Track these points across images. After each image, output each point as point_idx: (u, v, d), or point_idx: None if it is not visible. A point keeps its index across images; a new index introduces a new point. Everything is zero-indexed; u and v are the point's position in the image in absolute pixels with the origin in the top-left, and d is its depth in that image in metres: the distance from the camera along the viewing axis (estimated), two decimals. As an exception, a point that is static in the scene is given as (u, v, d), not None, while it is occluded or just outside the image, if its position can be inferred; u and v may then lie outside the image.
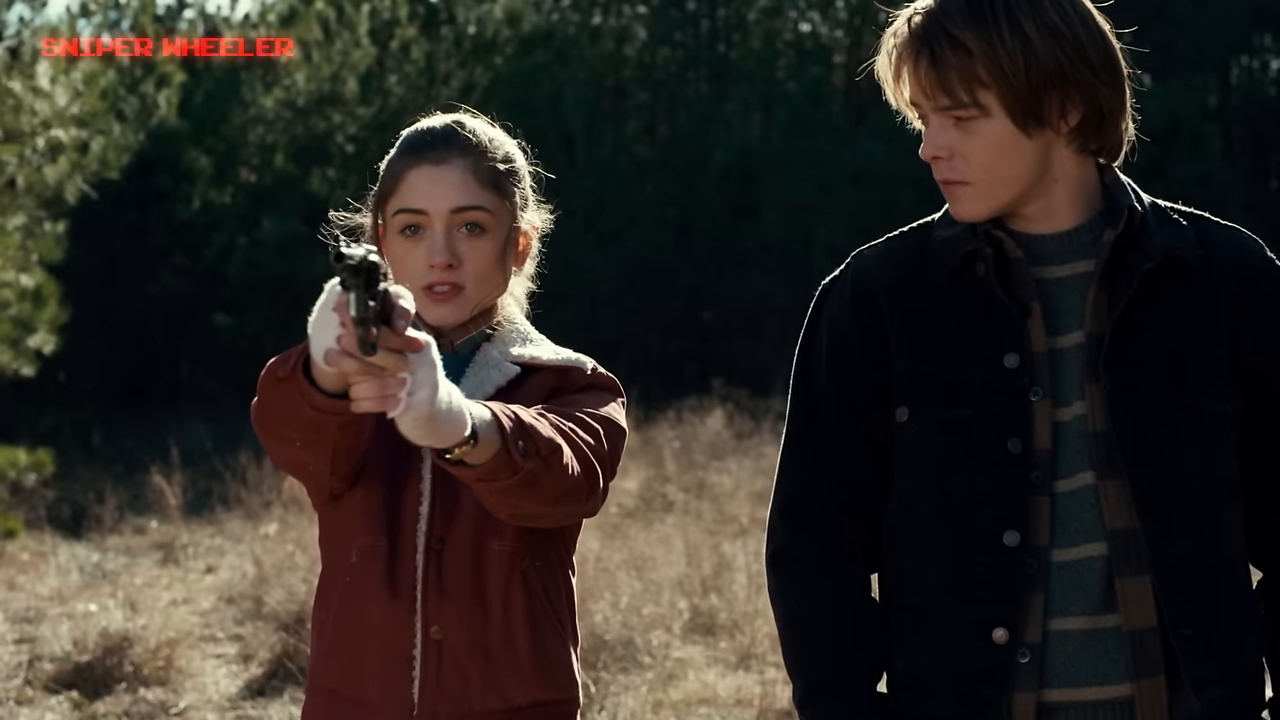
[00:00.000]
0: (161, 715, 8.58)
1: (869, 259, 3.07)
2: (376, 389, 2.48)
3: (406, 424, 2.53)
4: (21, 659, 9.73)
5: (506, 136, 3.26)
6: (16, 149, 14.10)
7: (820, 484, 2.99)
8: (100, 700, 8.80)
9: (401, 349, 2.46)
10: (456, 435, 2.63)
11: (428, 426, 2.54)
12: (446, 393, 2.56)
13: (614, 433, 3.08)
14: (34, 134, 14.18)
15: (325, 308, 2.48)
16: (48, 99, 14.30)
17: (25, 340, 15.74)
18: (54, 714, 8.62)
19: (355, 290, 2.38)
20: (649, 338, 28.42)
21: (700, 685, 8.61)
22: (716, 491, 14.65)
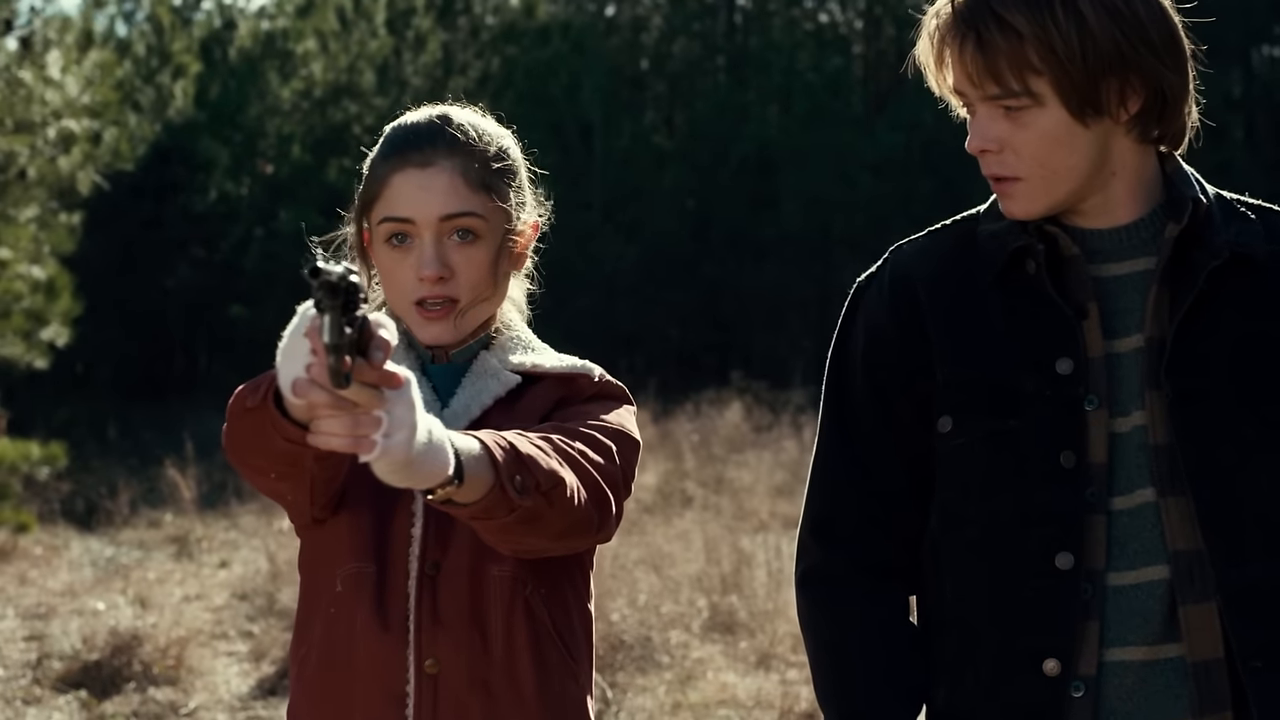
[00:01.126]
0: (171, 716, 8.44)
1: (908, 254, 2.81)
2: (347, 427, 2.19)
3: (381, 468, 2.25)
4: (30, 657, 9.60)
5: (499, 129, 2.96)
6: (28, 140, 13.97)
7: (854, 498, 2.75)
8: (109, 700, 8.66)
9: (378, 384, 2.19)
10: (437, 476, 2.34)
11: (404, 470, 2.27)
12: (426, 430, 2.29)
13: (627, 447, 2.80)
14: (45, 124, 14.04)
15: (296, 332, 2.20)
16: (59, 89, 14.16)
17: (38, 333, 15.62)
18: (61, 714, 8.48)
19: (331, 312, 2.11)
20: (667, 329, 28.30)
21: (719, 686, 8.44)
22: (735, 486, 14.49)
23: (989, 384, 2.67)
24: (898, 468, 2.74)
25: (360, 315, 2.14)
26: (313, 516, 2.79)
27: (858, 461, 2.76)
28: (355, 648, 2.79)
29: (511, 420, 2.77)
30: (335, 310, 2.10)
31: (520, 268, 2.97)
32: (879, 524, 2.74)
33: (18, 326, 15.35)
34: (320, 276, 2.09)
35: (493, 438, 2.50)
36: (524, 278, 3.03)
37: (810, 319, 28.33)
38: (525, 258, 2.97)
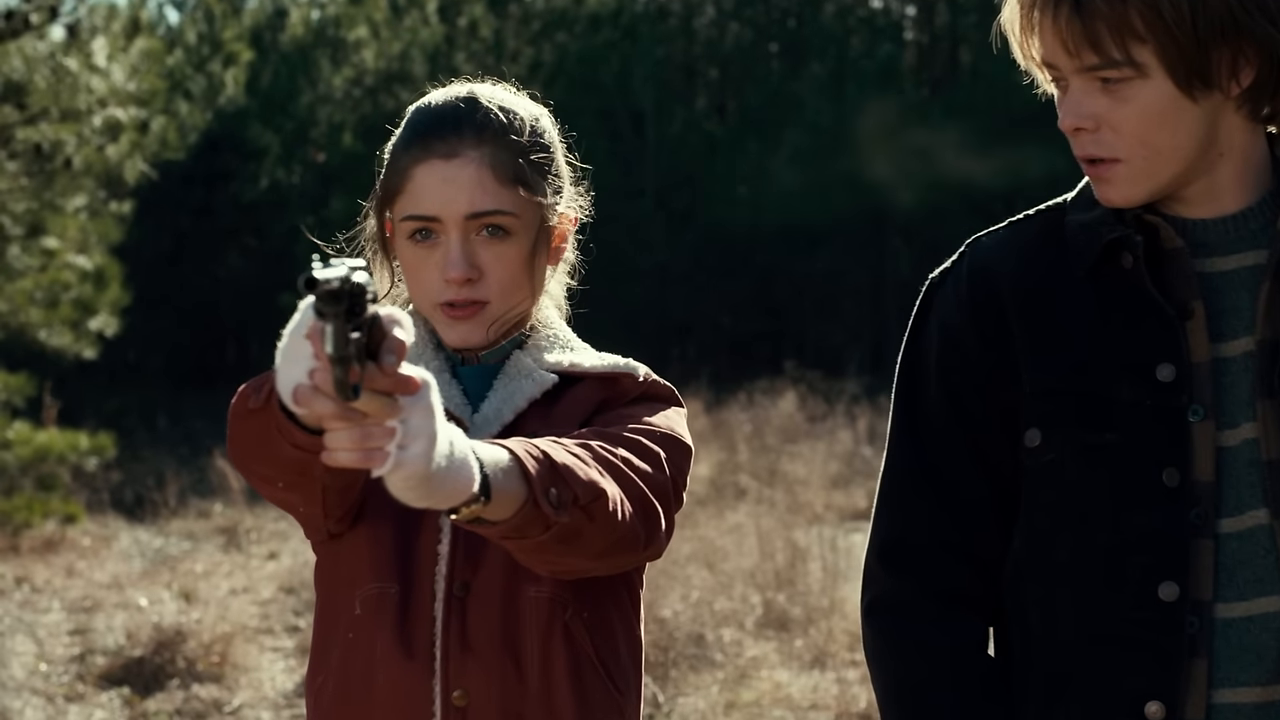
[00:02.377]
0: (214, 714, 8.30)
1: (988, 247, 2.50)
2: (357, 439, 1.94)
3: (396, 483, 1.98)
4: (74, 652, 9.49)
5: (534, 107, 2.67)
6: (74, 128, 13.86)
7: (927, 520, 2.44)
8: (151, 697, 8.52)
9: (391, 391, 1.94)
10: (461, 493, 2.08)
11: (423, 487, 2.00)
12: (447, 441, 2.02)
13: (677, 453, 2.52)
14: (90, 113, 13.93)
15: (297, 332, 1.95)
16: (104, 77, 14.04)
17: (86, 323, 15.53)
18: (103, 711, 8.35)
19: (333, 321, 1.87)
20: (719, 317, 28.13)
21: (773, 686, 8.25)
22: (790, 478, 14.29)
23: (1081, 393, 2.38)
24: (976, 485, 2.44)
25: (370, 315, 1.91)
26: (328, 531, 2.53)
27: (931, 479, 2.45)
28: (375, 677, 2.53)
29: (548, 425, 2.53)
30: (338, 319, 1.87)
31: (558, 262, 2.70)
32: (955, 548, 2.44)
33: (66, 317, 15.25)
34: (318, 287, 1.86)
35: (524, 447, 2.24)
36: (563, 272, 2.77)
37: (864, 307, 28.12)
38: (563, 251, 2.70)
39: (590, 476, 2.29)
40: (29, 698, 8.36)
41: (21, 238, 14.53)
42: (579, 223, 2.71)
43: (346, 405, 1.91)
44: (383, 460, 1.94)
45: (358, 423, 1.93)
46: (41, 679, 8.85)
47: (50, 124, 13.69)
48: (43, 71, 13.65)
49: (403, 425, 1.94)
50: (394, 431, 1.94)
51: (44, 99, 13.58)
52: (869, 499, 14.01)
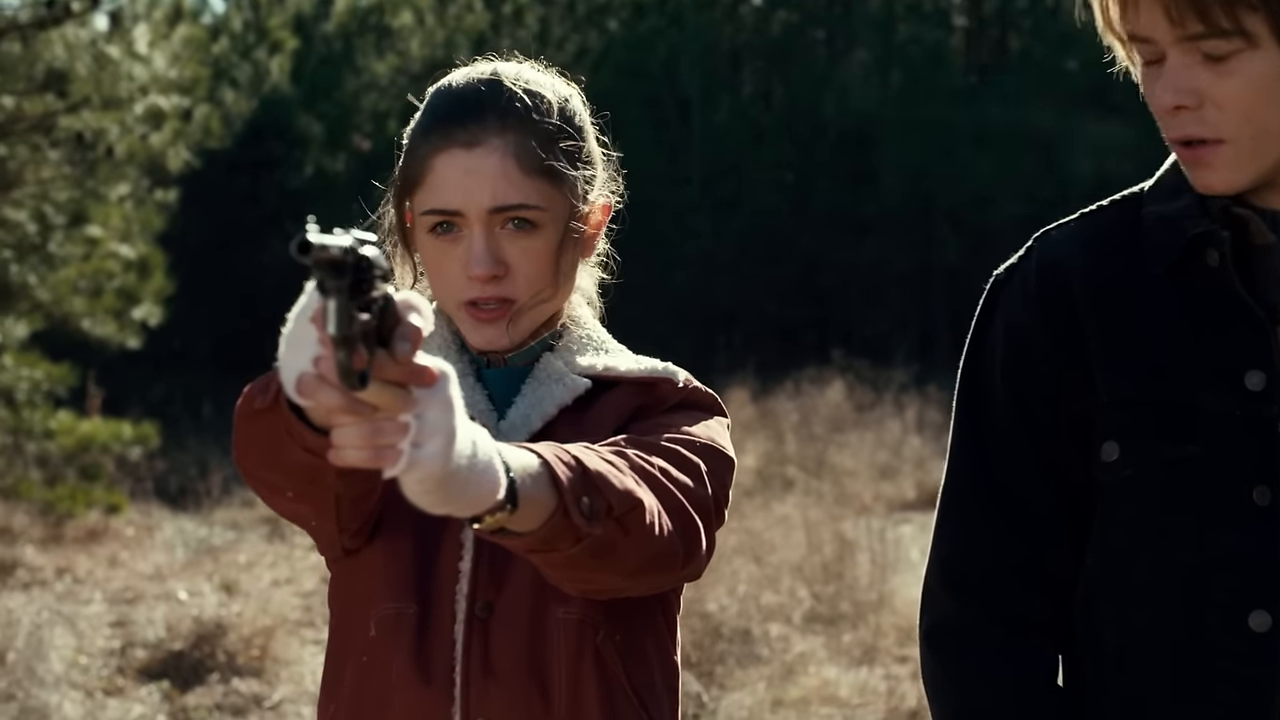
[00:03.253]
0: (254, 709, 8.20)
1: (1058, 241, 2.28)
2: (366, 436, 1.73)
3: (411, 485, 1.78)
4: (115, 645, 9.41)
5: (563, 87, 2.48)
6: (116, 116, 13.77)
7: (992, 538, 2.23)
8: (191, 692, 8.43)
9: (405, 382, 1.74)
10: (485, 499, 1.87)
11: (441, 490, 1.79)
12: (469, 441, 1.82)
13: (720, 466, 2.34)
14: (132, 101, 13.84)
15: (303, 316, 1.75)
16: (146, 64, 13.95)
17: (129, 312, 15.46)
18: (143, 706, 8.26)
19: (336, 296, 1.67)
20: (766, 305, 27.97)
21: (821, 683, 8.11)
22: (837, 468, 14.14)
23: (1162, 403, 2.16)
24: (1047, 502, 2.22)
25: (381, 295, 1.71)
26: (343, 546, 2.35)
27: (996, 494, 2.24)
28: (391, 704, 2.34)
29: (579, 432, 2.33)
30: (341, 293, 1.66)
31: (590, 254, 2.51)
32: (1022, 568, 2.23)
33: (109, 306, 15.18)
34: (313, 253, 1.64)
35: (554, 452, 2.05)
36: (594, 266, 2.57)
37: (911, 295, 27.92)
38: (595, 244, 2.51)
39: (626, 485, 2.11)
40: (67, 691, 8.28)
41: (64, 227, 14.46)
42: (612, 211, 2.53)
43: (354, 397, 1.72)
44: (395, 459, 1.74)
45: (366, 417, 1.74)
46: (80, 672, 8.77)
47: (92, 112, 13.61)
48: (84, 59, 13.56)
49: (417, 420, 1.74)
50: (407, 427, 1.74)
51: (85, 87, 13.50)
52: (917, 490, 13.92)
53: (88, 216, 14.69)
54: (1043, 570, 2.23)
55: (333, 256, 1.65)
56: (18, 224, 14.21)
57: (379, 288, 1.71)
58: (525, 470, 1.97)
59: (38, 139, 13.76)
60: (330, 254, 1.65)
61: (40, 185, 14.12)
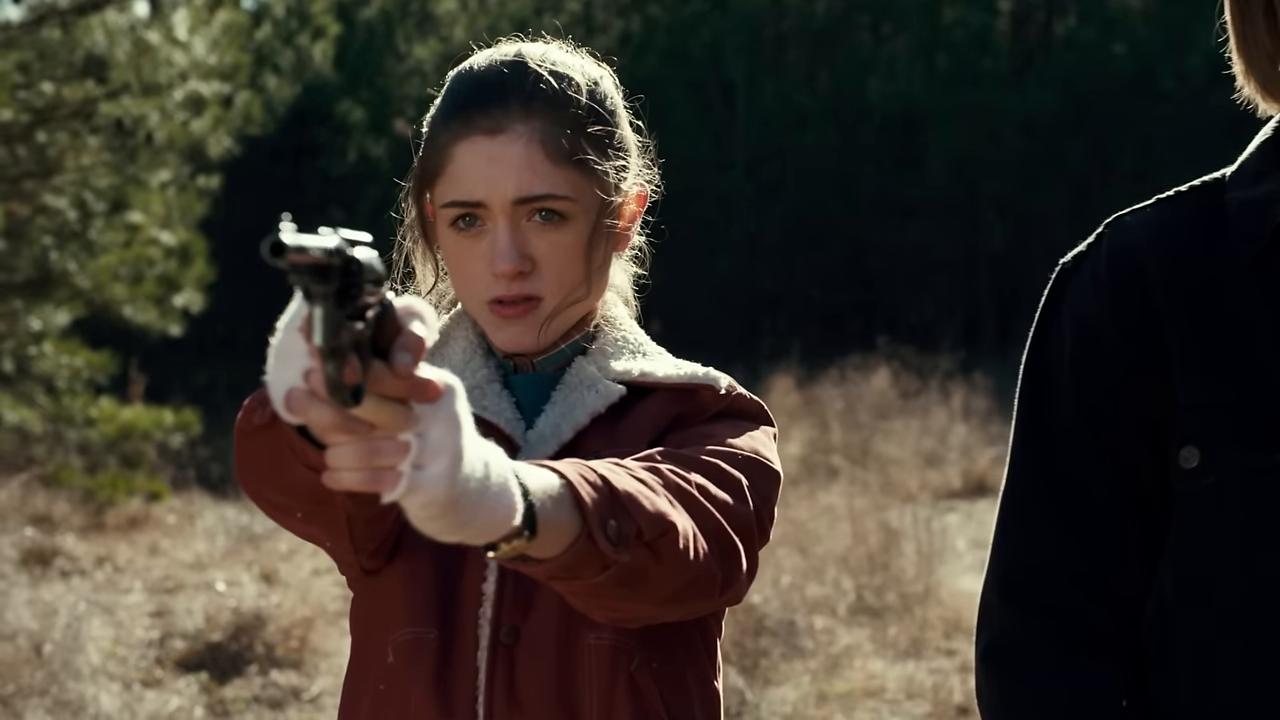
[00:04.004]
0: (293, 701, 8.11)
1: (1132, 228, 2.08)
2: (362, 456, 1.55)
3: (414, 509, 1.60)
4: (154, 635, 9.34)
5: (593, 68, 2.29)
6: (156, 103, 13.70)
7: (1056, 549, 2.04)
8: (229, 684, 8.35)
9: (405, 398, 1.56)
10: (499, 525, 1.68)
11: (448, 515, 1.61)
12: (480, 462, 1.63)
13: (764, 480, 2.15)
14: (172, 87, 13.77)
15: (291, 326, 1.58)
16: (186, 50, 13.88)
17: (171, 299, 15.41)
18: (180, 698, 8.17)
19: (322, 304, 1.50)
20: (810, 290, 27.84)
21: (866, 676, 7.98)
22: (883, 456, 14.01)
23: (1251, 406, 1.96)
24: (1116, 509, 2.03)
25: (378, 301, 1.55)
26: (361, 567, 2.19)
27: (1061, 499, 2.05)
28: None
29: (613, 443, 2.17)
30: (327, 300, 1.50)
31: (624, 248, 2.33)
32: (1087, 582, 2.04)
33: (150, 293, 15.13)
34: (288, 255, 1.45)
35: (578, 471, 1.86)
36: (629, 260, 2.38)
37: (957, 280, 27.76)
38: (630, 236, 2.32)
39: (658, 507, 1.93)
40: (104, 683, 8.20)
41: (105, 214, 14.41)
42: (648, 201, 2.34)
43: (348, 414, 1.54)
44: (393, 482, 1.56)
45: (361, 436, 1.56)
46: (118, 663, 8.69)
47: (132, 98, 13.55)
48: (124, 45, 13.51)
49: (419, 440, 1.56)
50: (407, 447, 1.56)
51: (125, 73, 13.44)
52: (963, 478, 13.79)
53: (128, 203, 14.65)
54: (1109, 584, 2.05)
55: (314, 260, 1.48)
56: (58, 211, 14.17)
57: (374, 293, 1.55)
58: (545, 492, 1.79)
59: (78, 125, 13.71)
60: (310, 257, 1.47)
61: (80, 172, 14.06)
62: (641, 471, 1.98)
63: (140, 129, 13.69)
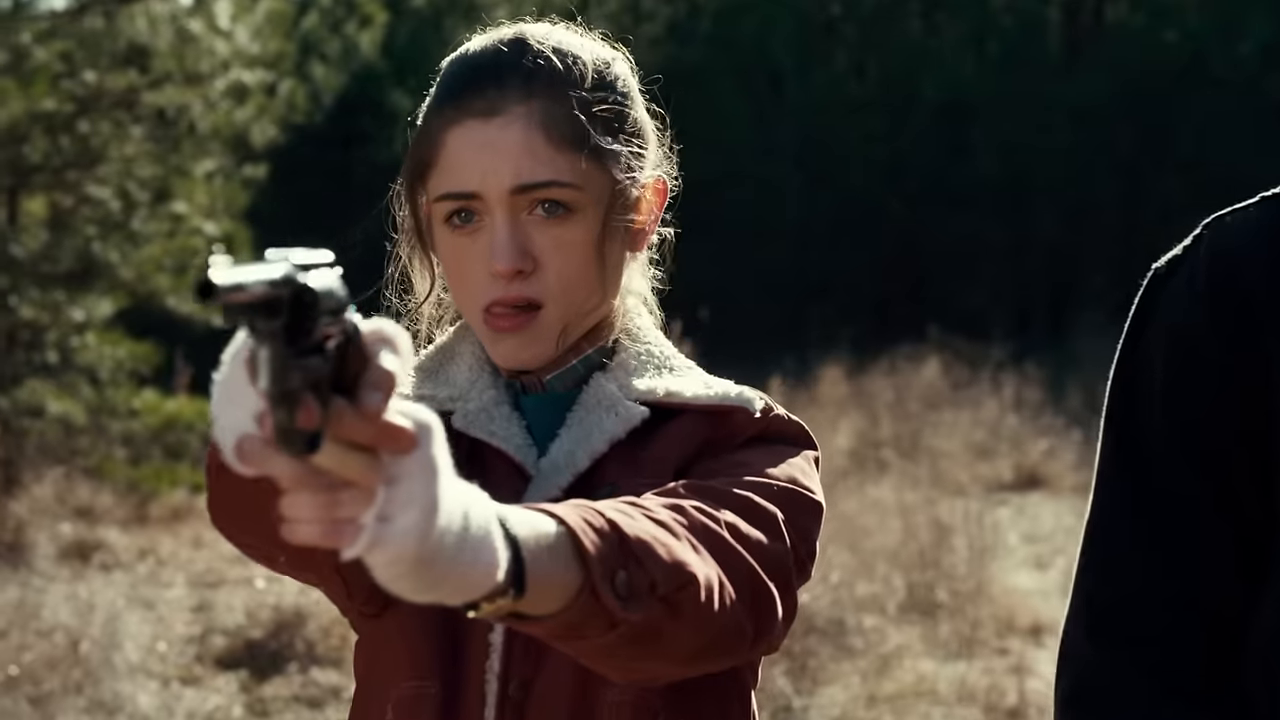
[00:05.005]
0: (332, 701, 7.98)
1: (1234, 231, 1.88)
2: (319, 506, 1.33)
3: (380, 567, 1.37)
4: (195, 631, 9.22)
5: (603, 50, 2.05)
6: (199, 92, 13.61)
7: (1145, 583, 1.85)
8: (269, 682, 8.22)
9: (374, 445, 1.34)
10: (479, 583, 1.44)
11: (418, 574, 1.38)
12: (458, 512, 1.40)
13: (803, 513, 1.91)
14: (214, 76, 13.67)
15: (238, 360, 1.35)
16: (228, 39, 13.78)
17: (215, 290, 15.31)
18: (219, 696, 8.06)
19: (269, 342, 1.28)
20: (859, 280, 27.64)
21: (917, 677, 7.81)
22: (933, 448, 13.82)
23: None
24: (1215, 535, 1.84)
25: (340, 331, 1.33)
26: (358, 612, 1.99)
27: (1153, 532, 1.86)
28: None
29: (634, 473, 1.93)
30: (275, 338, 1.28)
31: (641, 247, 2.07)
32: (1185, 613, 1.85)
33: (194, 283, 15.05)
34: (220, 296, 1.24)
35: (580, 515, 1.61)
36: (648, 262, 2.12)
37: (1008, 270, 27.53)
38: (649, 233, 2.07)
39: (676, 555, 1.67)
40: (142, 681, 8.09)
41: (148, 204, 14.33)
42: (669, 193, 2.08)
43: (309, 466, 1.32)
44: (353, 536, 1.34)
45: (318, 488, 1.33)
46: (158, 660, 8.58)
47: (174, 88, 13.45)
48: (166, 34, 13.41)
49: (387, 490, 1.35)
50: (372, 496, 1.34)
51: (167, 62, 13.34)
52: (1015, 471, 13.60)
53: (172, 193, 14.56)
54: (1208, 614, 1.86)
55: (254, 297, 1.26)
56: (101, 201, 14.09)
57: (335, 322, 1.33)
58: (538, 541, 1.53)
59: (120, 115, 13.63)
60: (250, 294, 1.25)
61: (124, 162, 13.99)
62: (661, 511, 1.74)
63: (183, 118, 13.59)
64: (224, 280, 1.23)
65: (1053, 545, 11.11)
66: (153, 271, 14.52)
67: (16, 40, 13.31)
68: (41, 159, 13.88)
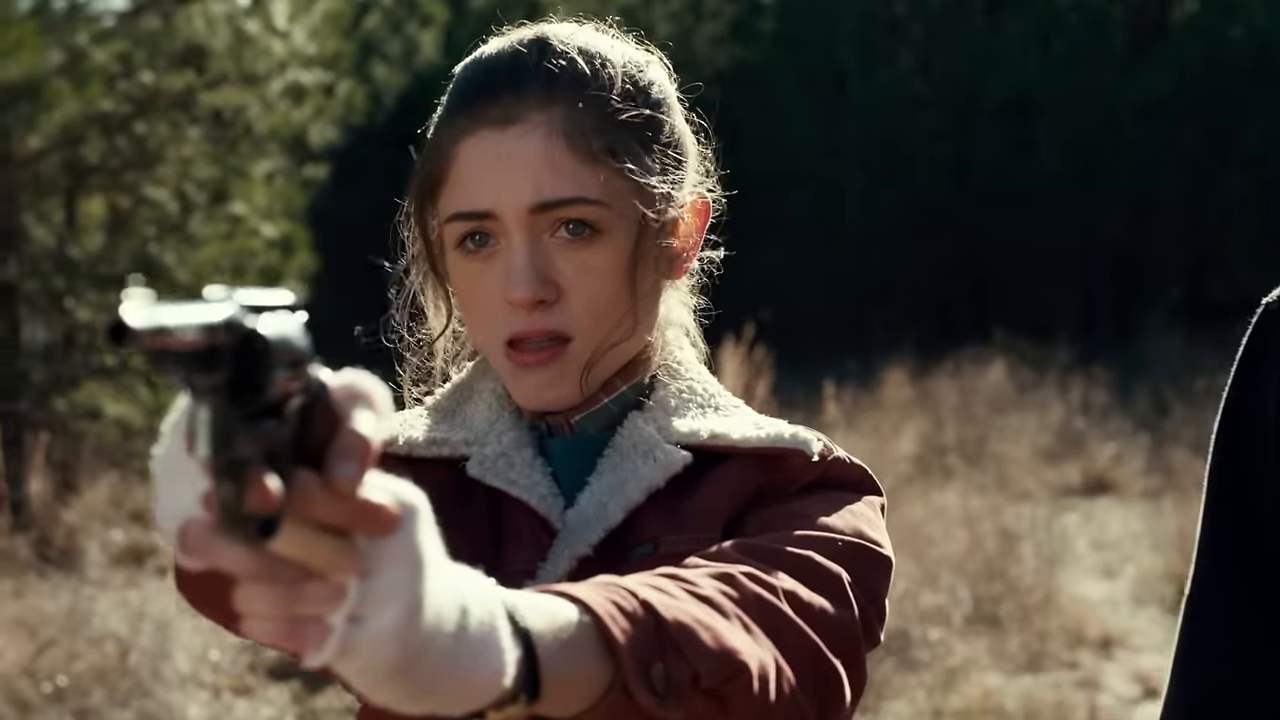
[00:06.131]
0: (386, 714, 7.84)
1: None
2: (278, 601, 1.10)
3: (353, 676, 1.14)
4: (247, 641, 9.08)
5: (635, 54, 1.81)
6: (257, 92, 13.50)
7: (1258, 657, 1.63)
8: (321, 694, 8.08)
9: (347, 527, 1.11)
10: (481, 690, 1.20)
11: (400, 683, 1.15)
12: (454, 605, 1.17)
13: (870, 569, 1.67)
14: (270, 76, 13.56)
15: (177, 430, 1.16)
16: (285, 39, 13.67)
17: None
18: (271, 708, 7.92)
19: (209, 400, 1.05)
20: (923, 280, 27.41)
21: (983, 692, 7.60)
22: (1000, 454, 13.59)
23: None
24: None
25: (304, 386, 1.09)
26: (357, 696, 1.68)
27: (1269, 595, 1.65)
28: None
29: (675, 528, 1.69)
30: (216, 395, 1.05)
31: (682, 272, 1.83)
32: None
33: (252, 285, 14.95)
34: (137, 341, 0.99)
35: (607, 596, 1.37)
36: (687, 289, 1.88)
37: (1073, 270, 27.24)
38: (690, 259, 1.83)
39: (724, 641, 1.43)
40: (193, 691, 7.95)
41: (206, 205, 14.24)
42: (710, 214, 1.85)
43: (267, 553, 1.08)
44: (319, 638, 1.10)
45: (277, 579, 1.10)
46: (210, 669, 8.44)
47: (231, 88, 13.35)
48: (222, 34, 13.31)
49: (361, 583, 1.11)
50: (343, 591, 1.11)
51: (224, 63, 13.24)
52: (1082, 475, 13.37)
53: (229, 194, 14.47)
54: None
55: (184, 345, 1.01)
56: (159, 203, 14.01)
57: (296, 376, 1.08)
58: (556, 634, 1.29)
59: (177, 116, 13.54)
60: (176, 341, 1.01)
61: (181, 164, 13.91)
62: (706, 583, 1.48)
63: (240, 119, 13.49)
64: (141, 322, 1.00)
65: (1121, 552, 10.88)
66: (210, 273, 14.43)
67: (73, 41, 13.24)
68: (99, 160, 13.82)
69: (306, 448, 1.10)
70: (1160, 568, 9.88)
